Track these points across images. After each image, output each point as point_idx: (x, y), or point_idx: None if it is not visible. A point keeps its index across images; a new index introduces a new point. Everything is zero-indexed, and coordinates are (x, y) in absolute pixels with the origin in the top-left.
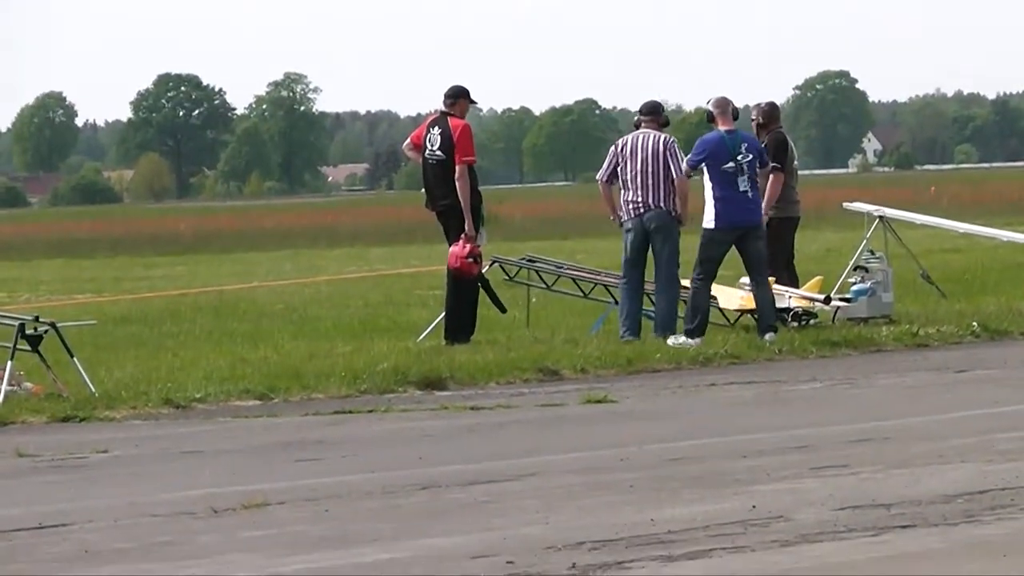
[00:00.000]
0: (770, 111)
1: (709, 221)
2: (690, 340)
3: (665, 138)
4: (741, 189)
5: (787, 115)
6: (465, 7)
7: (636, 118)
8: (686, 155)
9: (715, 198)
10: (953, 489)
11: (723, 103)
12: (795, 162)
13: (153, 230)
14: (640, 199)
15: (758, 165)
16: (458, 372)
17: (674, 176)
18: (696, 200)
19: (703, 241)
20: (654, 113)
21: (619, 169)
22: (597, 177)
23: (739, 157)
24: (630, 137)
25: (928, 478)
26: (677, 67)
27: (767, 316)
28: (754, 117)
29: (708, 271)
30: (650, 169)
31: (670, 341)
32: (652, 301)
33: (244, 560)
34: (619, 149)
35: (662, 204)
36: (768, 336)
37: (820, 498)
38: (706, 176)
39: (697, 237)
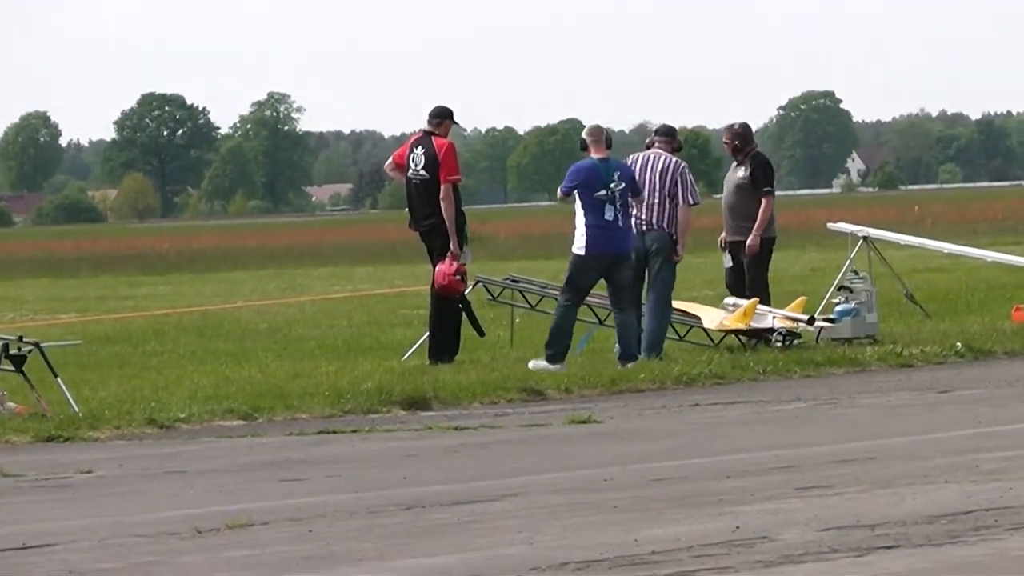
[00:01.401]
0: (744, 133)
1: (579, 248)
2: (551, 366)
3: (676, 161)
4: (612, 217)
5: (772, 135)
6: (449, 27)
7: (649, 139)
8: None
9: (586, 225)
10: (937, 509)
11: (596, 131)
12: None
13: (137, 249)
14: (644, 217)
15: (630, 194)
16: (442, 392)
17: (680, 202)
18: (567, 225)
19: (573, 268)
20: (669, 135)
21: None
22: None
23: (611, 185)
24: (640, 155)
25: (912, 498)
26: (662, 87)
27: (628, 345)
28: (727, 140)
29: (576, 298)
30: (656, 188)
31: (531, 365)
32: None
33: None
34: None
35: (664, 226)
36: (628, 364)
37: (804, 518)
38: (577, 203)
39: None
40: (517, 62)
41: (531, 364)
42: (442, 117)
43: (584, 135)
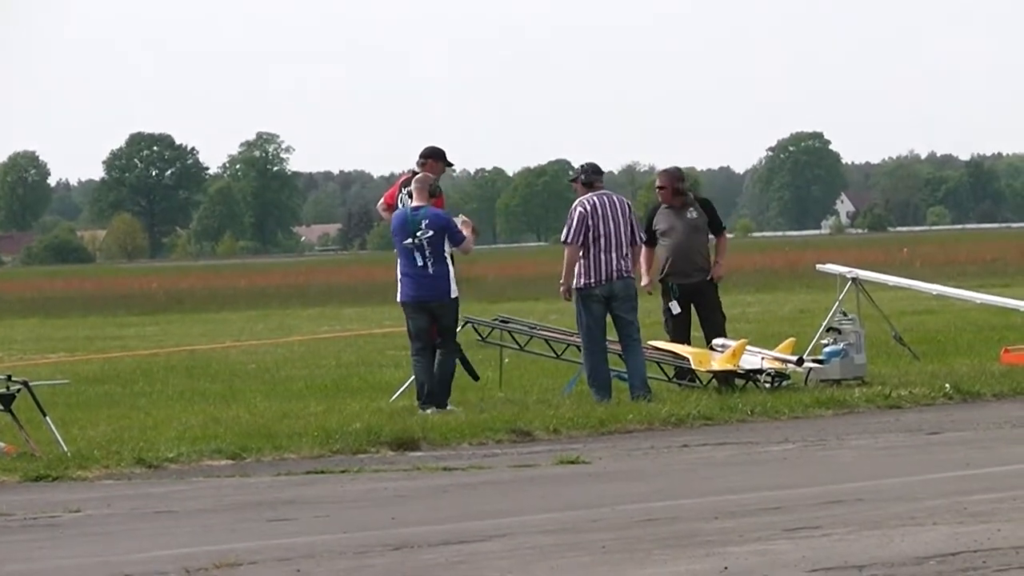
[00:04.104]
0: (683, 175)
1: (398, 295)
2: (425, 411)
3: (624, 200)
4: (420, 264)
5: (760, 176)
6: (437, 68)
7: (586, 178)
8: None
9: (400, 273)
10: (925, 551)
11: (421, 180)
12: None
13: (126, 289)
14: (612, 263)
15: (446, 241)
16: (431, 433)
17: (637, 240)
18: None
19: (406, 317)
20: (601, 172)
21: (590, 231)
22: (567, 240)
23: (419, 233)
24: (595, 198)
25: (900, 540)
26: (650, 128)
27: (441, 391)
28: (669, 183)
29: (419, 344)
30: (622, 232)
31: (426, 411)
32: (621, 359)
33: None
34: (589, 211)
35: (627, 269)
36: (429, 411)
37: (793, 560)
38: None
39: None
40: (506, 103)
41: (427, 411)
42: (428, 157)
43: (412, 183)
